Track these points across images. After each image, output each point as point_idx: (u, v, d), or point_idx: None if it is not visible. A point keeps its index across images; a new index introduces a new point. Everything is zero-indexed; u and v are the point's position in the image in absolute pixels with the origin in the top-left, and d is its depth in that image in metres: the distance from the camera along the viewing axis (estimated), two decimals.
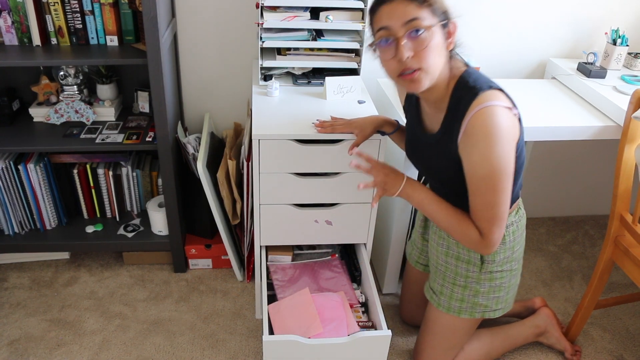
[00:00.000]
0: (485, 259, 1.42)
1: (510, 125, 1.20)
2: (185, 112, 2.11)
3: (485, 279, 1.45)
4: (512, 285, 1.50)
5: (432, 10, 1.16)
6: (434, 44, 1.17)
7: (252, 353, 1.73)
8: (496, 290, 1.47)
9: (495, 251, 1.40)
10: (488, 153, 1.18)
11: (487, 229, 1.25)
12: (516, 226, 1.42)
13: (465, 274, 1.46)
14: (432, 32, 1.16)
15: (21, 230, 1.98)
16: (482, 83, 1.22)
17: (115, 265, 2.07)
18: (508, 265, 1.45)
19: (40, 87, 1.88)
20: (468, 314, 1.50)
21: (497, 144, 1.17)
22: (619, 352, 1.81)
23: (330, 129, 1.48)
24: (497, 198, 1.21)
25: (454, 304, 1.50)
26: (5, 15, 1.70)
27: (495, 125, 1.16)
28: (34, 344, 1.72)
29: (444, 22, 1.19)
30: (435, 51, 1.18)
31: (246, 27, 1.96)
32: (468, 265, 1.45)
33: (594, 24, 2.12)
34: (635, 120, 1.50)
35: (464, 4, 2.00)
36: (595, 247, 2.34)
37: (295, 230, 1.64)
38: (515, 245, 1.44)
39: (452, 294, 1.50)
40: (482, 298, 1.47)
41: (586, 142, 2.32)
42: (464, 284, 1.47)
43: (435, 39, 1.18)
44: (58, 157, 1.91)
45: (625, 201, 1.58)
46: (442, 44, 1.20)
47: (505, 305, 1.51)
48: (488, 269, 1.43)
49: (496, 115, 1.17)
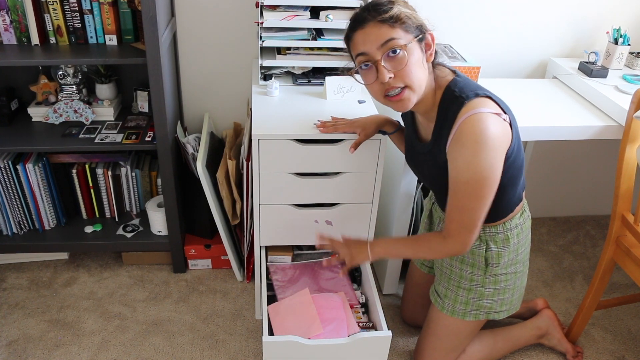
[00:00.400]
0: (489, 262, 1.42)
1: (500, 132, 1.18)
2: (185, 111, 2.11)
3: (490, 281, 1.44)
4: (517, 287, 1.49)
5: (405, 28, 1.17)
6: (413, 60, 1.18)
7: (252, 354, 1.72)
8: (501, 293, 1.46)
9: (500, 254, 1.40)
10: (473, 160, 1.17)
11: (456, 231, 1.25)
12: (520, 228, 1.42)
13: (470, 277, 1.46)
14: (409, 49, 1.17)
15: (20, 231, 1.97)
16: (468, 91, 1.22)
17: (115, 266, 2.07)
18: (513, 267, 1.44)
19: (39, 86, 1.88)
20: (472, 316, 1.49)
21: (482, 152, 1.16)
22: (621, 353, 1.80)
23: (332, 128, 1.47)
24: (475, 204, 1.21)
25: (458, 307, 1.49)
26: (4, 15, 1.69)
27: (482, 132, 1.16)
28: (32, 345, 1.71)
29: (419, 37, 1.19)
30: (416, 66, 1.20)
31: (246, 26, 1.95)
32: (472, 268, 1.44)
33: (596, 23, 2.12)
34: (637, 120, 1.50)
35: (464, 4, 2.00)
36: (596, 247, 2.33)
37: (295, 230, 1.63)
38: (520, 248, 1.43)
39: (456, 297, 1.49)
40: (486, 301, 1.47)
41: (587, 142, 2.31)
42: (468, 287, 1.47)
43: (414, 55, 1.18)
44: (57, 157, 1.90)
45: (627, 201, 1.57)
46: (421, 59, 1.20)
47: (511, 306, 1.51)
48: (493, 272, 1.43)
49: (484, 122, 1.16)
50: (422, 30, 1.20)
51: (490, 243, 1.41)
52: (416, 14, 1.21)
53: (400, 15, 1.17)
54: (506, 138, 1.21)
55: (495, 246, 1.41)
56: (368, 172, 1.56)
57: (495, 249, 1.41)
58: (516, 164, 1.28)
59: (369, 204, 1.62)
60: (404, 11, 1.18)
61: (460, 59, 1.82)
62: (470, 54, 2.09)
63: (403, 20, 1.17)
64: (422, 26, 1.20)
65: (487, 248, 1.41)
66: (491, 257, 1.41)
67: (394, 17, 1.16)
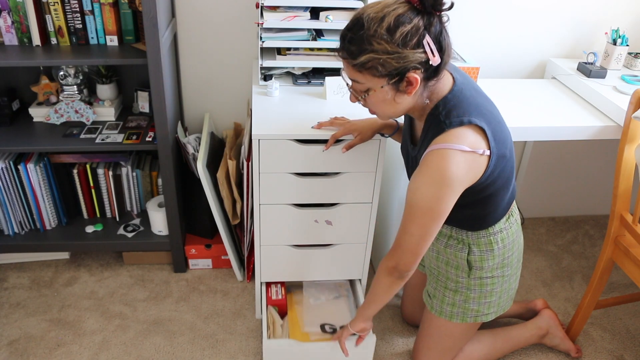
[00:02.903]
0: (473, 265, 1.41)
1: (462, 173, 1.15)
2: (185, 112, 2.11)
3: (476, 284, 1.44)
4: (505, 289, 1.48)
5: (374, 73, 1.12)
6: (377, 100, 1.17)
7: (252, 353, 1.73)
8: (487, 296, 1.46)
9: (484, 258, 1.39)
10: (424, 189, 1.16)
11: (394, 249, 1.28)
12: (505, 233, 1.40)
13: (455, 279, 1.46)
14: (374, 91, 1.15)
15: (21, 230, 1.98)
16: (454, 117, 1.16)
17: (115, 265, 2.07)
18: (499, 271, 1.43)
19: (40, 87, 1.88)
20: (460, 318, 1.49)
21: (435, 186, 1.15)
22: (619, 352, 1.80)
23: (327, 123, 1.49)
24: (414, 230, 1.21)
25: (445, 307, 1.50)
26: (5, 15, 1.70)
27: (442, 170, 1.13)
28: (33, 344, 1.72)
29: (394, 80, 1.12)
30: (380, 106, 1.19)
31: (246, 27, 1.96)
32: (457, 270, 1.44)
33: (594, 23, 2.12)
34: (636, 120, 1.50)
35: (464, 4, 2.00)
36: (595, 247, 2.33)
37: (295, 230, 1.64)
38: (507, 252, 1.42)
39: (444, 297, 1.49)
40: (473, 303, 1.47)
41: (586, 142, 2.31)
42: (454, 288, 1.47)
43: (379, 97, 1.16)
44: (58, 157, 1.91)
45: (626, 201, 1.58)
46: (391, 98, 1.16)
47: (498, 308, 1.51)
48: (477, 275, 1.42)
49: (446, 161, 1.13)
50: (401, 72, 1.10)
51: (472, 247, 1.39)
52: (398, 54, 1.08)
53: (369, 64, 1.10)
54: (471, 176, 1.17)
55: (478, 250, 1.39)
56: (368, 172, 1.56)
57: (478, 253, 1.39)
58: (500, 180, 1.25)
59: (368, 204, 1.62)
60: (376, 58, 1.09)
61: (459, 59, 1.82)
62: (469, 54, 2.10)
63: (369, 66, 1.10)
64: (403, 67, 1.09)
65: (470, 251, 1.40)
66: (474, 261, 1.40)
67: (359, 64, 1.11)
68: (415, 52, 1.09)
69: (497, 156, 1.20)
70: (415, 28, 1.07)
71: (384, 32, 1.07)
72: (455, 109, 1.17)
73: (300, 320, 1.67)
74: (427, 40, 1.08)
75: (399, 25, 1.07)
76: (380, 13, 1.08)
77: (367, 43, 1.09)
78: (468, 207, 1.29)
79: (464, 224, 1.38)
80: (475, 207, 1.30)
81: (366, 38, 1.09)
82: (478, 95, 1.23)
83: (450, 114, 1.17)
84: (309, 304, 1.73)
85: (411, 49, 1.08)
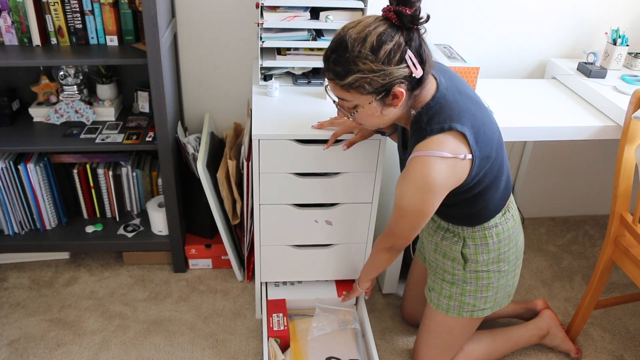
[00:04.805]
0: (467, 258, 1.43)
1: (444, 178, 1.18)
2: (185, 112, 2.11)
3: (472, 277, 1.46)
4: (502, 285, 1.49)
5: (361, 92, 1.16)
6: (363, 116, 1.23)
7: (252, 353, 1.73)
8: (483, 290, 1.47)
9: (478, 251, 1.42)
10: (407, 194, 1.22)
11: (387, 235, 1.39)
12: (501, 228, 1.41)
13: (451, 271, 1.48)
14: (361, 108, 1.20)
15: (21, 230, 1.98)
16: (434, 124, 1.19)
17: (115, 265, 2.07)
18: (495, 266, 1.44)
19: (40, 87, 1.88)
20: (456, 312, 1.50)
21: (417, 192, 1.21)
22: (619, 352, 1.80)
23: (327, 123, 1.50)
24: (403, 225, 1.30)
25: (442, 300, 1.51)
26: (5, 15, 1.70)
27: (423, 177, 1.18)
28: (33, 344, 1.72)
29: (381, 96, 1.17)
30: (369, 119, 1.24)
31: (246, 27, 1.96)
32: (453, 262, 1.47)
33: (594, 23, 2.12)
34: (636, 120, 1.50)
35: (464, 4, 2.00)
36: (595, 247, 2.33)
37: (295, 230, 1.64)
38: (503, 247, 1.43)
39: (441, 290, 1.51)
40: (469, 297, 1.48)
41: (586, 142, 2.32)
42: (451, 280, 1.49)
43: (367, 112, 1.21)
44: (58, 157, 1.91)
45: (626, 201, 1.58)
46: (378, 111, 1.21)
47: (494, 304, 1.51)
48: (472, 268, 1.44)
49: (427, 167, 1.17)
50: (387, 88, 1.15)
51: (467, 240, 1.42)
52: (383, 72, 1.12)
53: (356, 84, 1.14)
54: (453, 180, 1.21)
55: (473, 243, 1.41)
56: (368, 172, 1.56)
57: (472, 246, 1.42)
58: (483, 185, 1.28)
59: (368, 204, 1.62)
60: (363, 77, 1.12)
61: (459, 59, 1.82)
62: (469, 54, 2.10)
63: (355, 85, 1.14)
64: (388, 83, 1.14)
65: (464, 245, 1.42)
66: (469, 254, 1.42)
67: (346, 84, 1.15)
68: (399, 68, 1.13)
69: (480, 159, 1.22)
70: (397, 45, 1.11)
71: (368, 52, 1.11)
72: (436, 116, 1.21)
73: (304, 354, 1.62)
74: (409, 55, 1.13)
75: (381, 44, 1.10)
76: (362, 33, 1.12)
77: (352, 64, 1.13)
78: (457, 206, 1.34)
79: (459, 220, 1.41)
80: (464, 206, 1.34)
81: (351, 59, 1.12)
82: (462, 98, 1.25)
83: (432, 121, 1.20)
84: (313, 334, 1.67)
85: (395, 65, 1.12)
